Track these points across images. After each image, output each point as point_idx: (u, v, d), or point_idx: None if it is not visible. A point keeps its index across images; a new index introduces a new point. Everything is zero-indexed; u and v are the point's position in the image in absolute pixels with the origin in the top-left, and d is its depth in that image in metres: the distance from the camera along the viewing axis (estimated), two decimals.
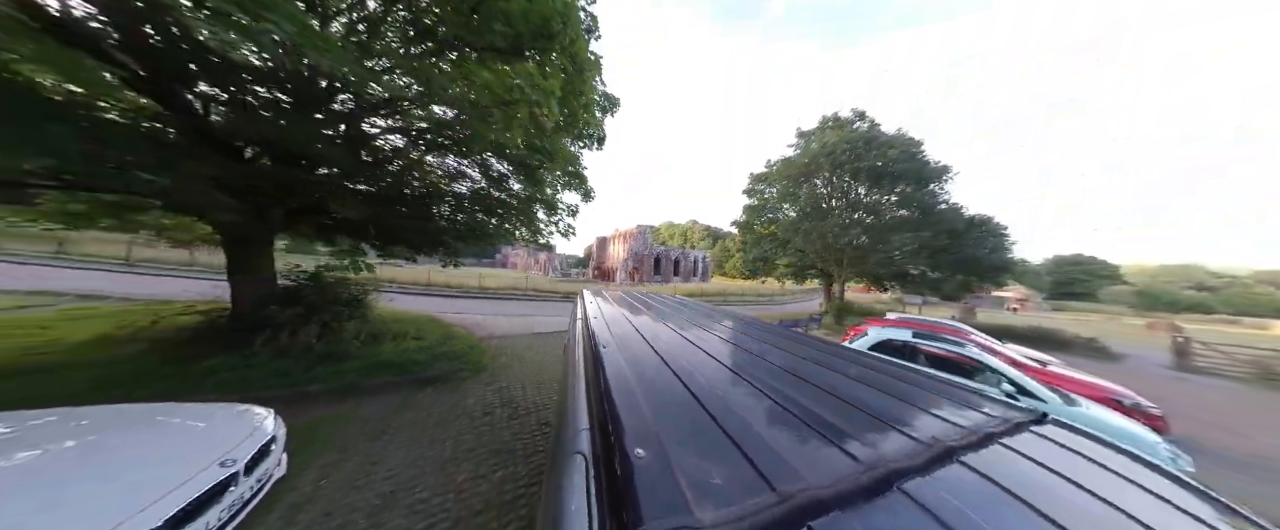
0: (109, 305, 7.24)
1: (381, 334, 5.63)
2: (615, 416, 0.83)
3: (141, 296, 8.49)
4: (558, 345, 7.13)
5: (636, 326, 2.08)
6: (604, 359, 1.30)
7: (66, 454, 1.62)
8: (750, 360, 1.61)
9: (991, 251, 12.84)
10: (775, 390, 1.16)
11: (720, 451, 0.73)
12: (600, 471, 0.62)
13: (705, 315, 3.17)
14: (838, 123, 15.31)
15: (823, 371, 1.50)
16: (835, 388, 1.26)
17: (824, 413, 1.00)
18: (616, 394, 0.97)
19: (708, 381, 1.18)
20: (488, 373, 5.12)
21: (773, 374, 1.37)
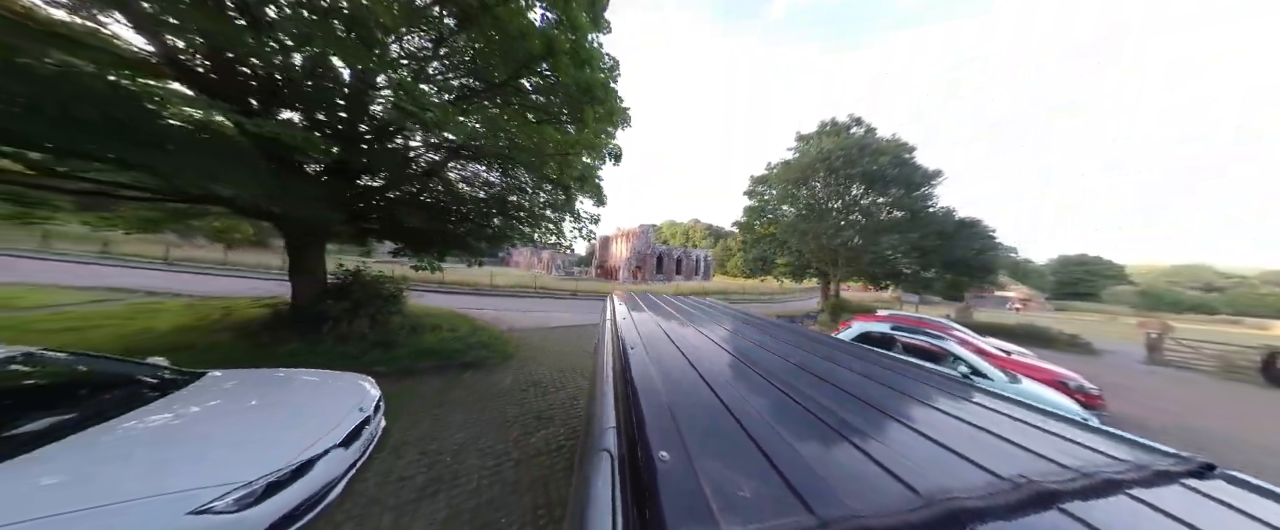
0: (169, 300, 8.02)
1: (419, 326, 6.38)
2: (640, 418, 0.82)
3: (190, 292, 9.30)
4: (572, 339, 7.84)
5: (665, 329, 2.07)
6: (631, 360, 1.29)
7: (273, 397, 2.35)
8: (784, 367, 1.52)
9: (978, 252, 13.47)
10: (812, 401, 1.09)
11: (749, 462, 0.70)
12: (625, 470, 0.62)
13: (734, 318, 3.12)
14: (835, 128, 15.92)
15: (868, 383, 1.39)
16: (883, 403, 1.16)
17: (869, 430, 0.93)
18: (642, 396, 0.96)
19: (736, 387, 1.15)
20: (515, 360, 5.83)
21: (811, 384, 1.29)
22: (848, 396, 1.19)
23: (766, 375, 1.34)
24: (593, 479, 0.58)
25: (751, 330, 2.49)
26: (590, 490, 0.55)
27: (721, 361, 1.52)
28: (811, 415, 0.99)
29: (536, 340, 7.38)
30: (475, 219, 6.53)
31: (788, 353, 1.79)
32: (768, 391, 1.18)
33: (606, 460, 0.62)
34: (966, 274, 13.53)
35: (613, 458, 0.63)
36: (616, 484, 0.56)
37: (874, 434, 0.91)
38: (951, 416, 1.12)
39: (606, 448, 0.66)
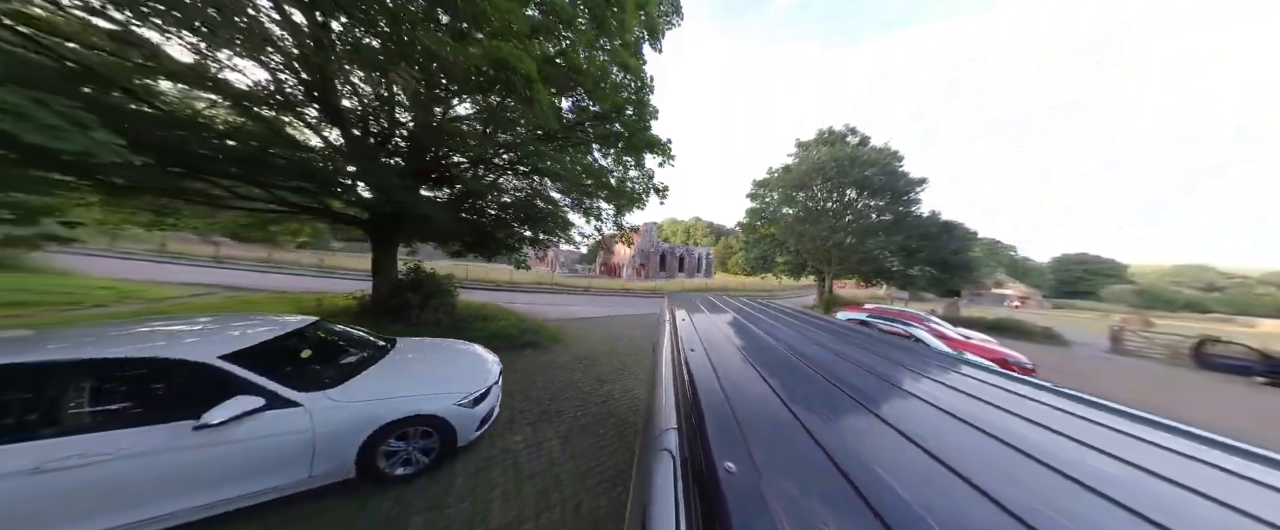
0: (255, 295, 9.32)
1: (483, 315, 7.66)
2: (702, 423, 0.81)
3: (257, 287, 10.61)
4: (601, 328, 9.10)
5: (726, 333, 2.01)
6: (691, 363, 1.28)
7: (445, 355, 3.56)
8: (865, 380, 1.40)
9: (955, 252, 14.70)
10: (906, 422, 0.96)
11: (831, 488, 0.63)
12: (688, 474, 0.61)
13: (800, 320, 2.98)
14: (831, 137, 17.09)
15: (976, 404, 1.22)
16: (999, 429, 0.98)
17: (992, 466, 0.77)
18: (704, 401, 0.93)
19: (810, 400, 1.06)
20: (562, 343, 7.09)
21: (901, 404, 1.18)
22: (953, 419, 1.03)
23: (849, 390, 1.21)
24: (655, 477, 0.59)
25: (823, 335, 2.30)
26: (652, 489, 0.56)
27: (792, 370, 1.41)
28: (908, 441, 0.86)
29: (572, 328, 8.63)
30: (529, 224, 7.80)
31: (871, 363, 1.62)
32: (849, 407, 1.07)
33: (668, 461, 0.62)
34: (948, 272, 14.78)
35: (674, 459, 0.64)
36: (679, 487, 0.56)
37: (1001, 470, 0.77)
38: (1099, 449, 0.93)
39: (667, 448, 0.66)
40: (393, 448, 2.52)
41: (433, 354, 3.48)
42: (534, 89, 3.49)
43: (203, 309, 7.70)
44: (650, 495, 0.56)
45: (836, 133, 16.80)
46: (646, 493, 0.57)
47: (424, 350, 3.56)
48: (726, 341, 1.88)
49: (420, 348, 3.59)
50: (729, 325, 2.42)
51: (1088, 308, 50.87)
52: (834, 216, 15.36)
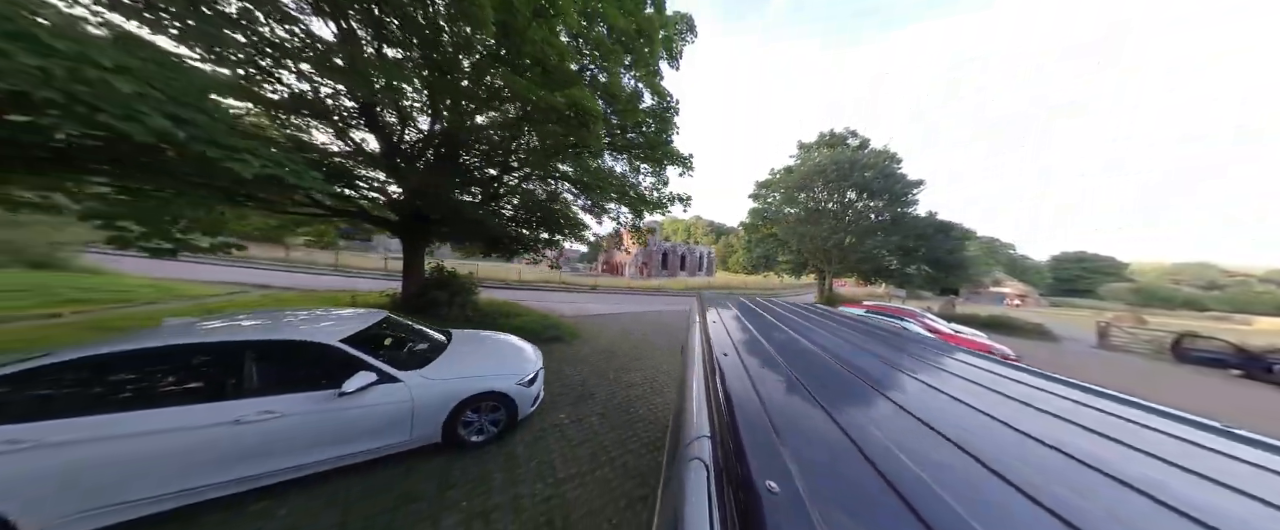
0: (286, 293, 9.85)
1: (507, 312, 8.19)
2: (737, 434, 0.76)
3: (284, 285, 11.15)
4: (615, 324, 9.63)
5: (763, 336, 1.94)
6: (724, 368, 1.23)
7: (496, 345, 4.07)
8: (923, 391, 1.31)
9: (950, 251, 15.25)
10: (968, 439, 0.86)
11: (893, 522, 0.57)
12: (723, 485, 0.58)
13: (840, 324, 2.84)
14: (833, 139, 17.58)
15: (1045, 419, 1.10)
16: (1061, 440, 0.91)
17: (1058, 484, 0.72)
18: (740, 411, 0.89)
19: (863, 415, 0.99)
20: (582, 338, 7.61)
21: (962, 418, 1.06)
22: (1039, 445, 0.91)
23: (910, 407, 1.09)
24: (686, 485, 0.56)
25: (867, 339, 2.20)
26: (685, 500, 0.53)
27: (838, 381, 1.32)
28: (976, 462, 0.76)
29: (588, 325, 9.16)
30: (545, 226, 8.32)
31: (928, 376, 1.50)
32: (909, 427, 0.95)
33: (701, 471, 0.59)
34: (943, 270, 15.32)
35: (707, 469, 0.60)
36: (713, 499, 0.53)
37: (1061, 489, 0.69)
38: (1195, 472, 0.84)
39: (700, 457, 0.63)
40: (469, 418, 3.05)
41: (485, 344, 4.00)
42: (596, 123, 4.04)
43: (246, 306, 8.23)
44: (682, 505, 0.53)
45: (837, 135, 17.30)
46: (678, 501, 0.55)
47: (477, 341, 4.08)
48: (762, 346, 1.77)
49: (473, 339, 4.11)
50: (763, 328, 2.27)
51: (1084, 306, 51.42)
52: (834, 217, 15.89)
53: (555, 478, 2.77)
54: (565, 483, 2.72)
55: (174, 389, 2.18)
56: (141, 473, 1.96)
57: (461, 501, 2.43)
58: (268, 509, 2.26)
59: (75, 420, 1.87)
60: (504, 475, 2.75)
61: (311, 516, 2.23)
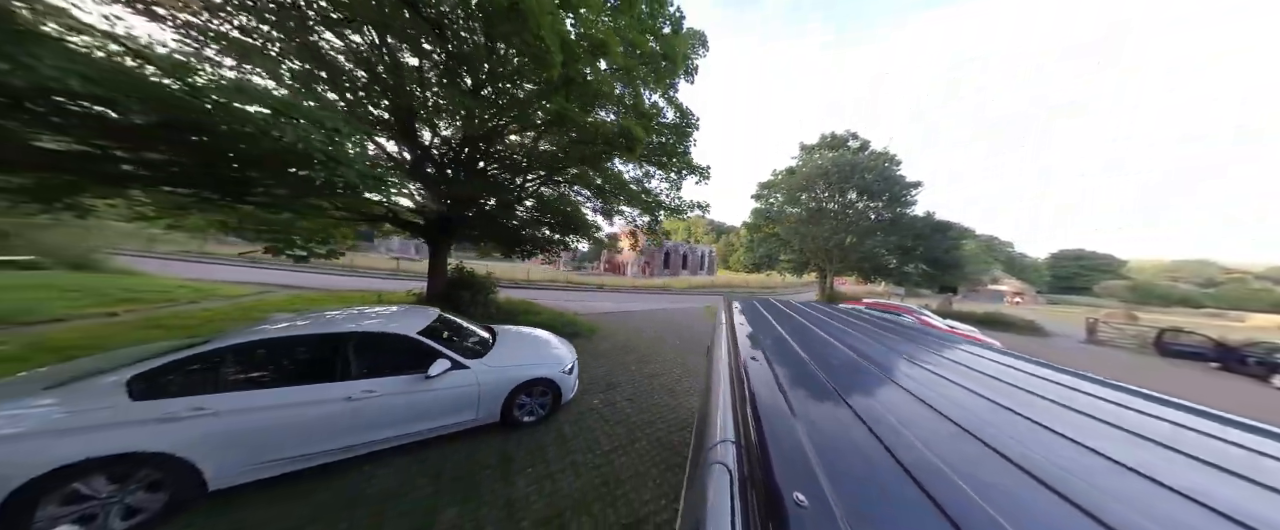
0: (313, 292, 10.31)
1: (517, 310, 8.67)
2: (763, 442, 0.73)
3: (304, 285, 11.61)
4: (628, 321, 10.10)
5: (793, 340, 1.88)
6: (750, 373, 1.19)
7: (536, 341, 4.52)
8: (969, 399, 1.19)
9: (946, 250, 15.77)
10: (1024, 453, 0.80)
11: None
12: (747, 493, 0.56)
13: (880, 327, 2.72)
14: (834, 141, 18.04)
15: (1108, 433, 1.01)
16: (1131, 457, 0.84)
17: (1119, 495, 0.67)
18: (767, 418, 0.85)
19: (905, 427, 0.89)
20: (599, 334, 8.09)
21: (1013, 428, 0.97)
22: (1088, 453, 0.84)
23: (956, 417, 0.99)
24: (708, 490, 0.55)
25: (903, 342, 2.11)
26: (707, 506, 0.52)
27: (873, 387, 1.27)
28: (1036, 481, 0.70)
29: (602, 322, 9.64)
30: (558, 227, 8.80)
31: (967, 379, 1.41)
32: (954, 438, 0.87)
33: (723, 476, 0.58)
34: (940, 269, 15.84)
35: (731, 475, 0.59)
36: (736, 506, 0.52)
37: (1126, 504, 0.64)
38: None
39: (723, 462, 0.62)
40: (523, 402, 3.52)
41: (526, 338, 4.47)
42: (638, 146, 4.57)
43: (278, 304, 8.69)
44: (704, 511, 0.52)
45: (839, 137, 17.77)
46: (700, 506, 0.54)
47: (518, 336, 4.54)
48: (791, 348, 1.70)
49: (514, 334, 4.58)
50: (792, 329, 2.18)
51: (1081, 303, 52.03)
52: (835, 217, 16.39)
53: (600, 450, 3.25)
54: (610, 453, 3.21)
55: (299, 371, 2.65)
56: (280, 438, 2.44)
57: (527, 468, 2.91)
58: (369, 473, 2.73)
59: (234, 394, 2.34)
60: (556, 449, 3.23)
61: (406, 478, 2.70)
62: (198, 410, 2.21)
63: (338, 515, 2.31)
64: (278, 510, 2.31)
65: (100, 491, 2.00)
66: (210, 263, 17.61)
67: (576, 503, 2.56)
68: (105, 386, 2.09)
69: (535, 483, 2.74)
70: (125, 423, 2.04)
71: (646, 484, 2.83)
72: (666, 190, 7.75)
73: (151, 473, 2.10)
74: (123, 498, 2.06)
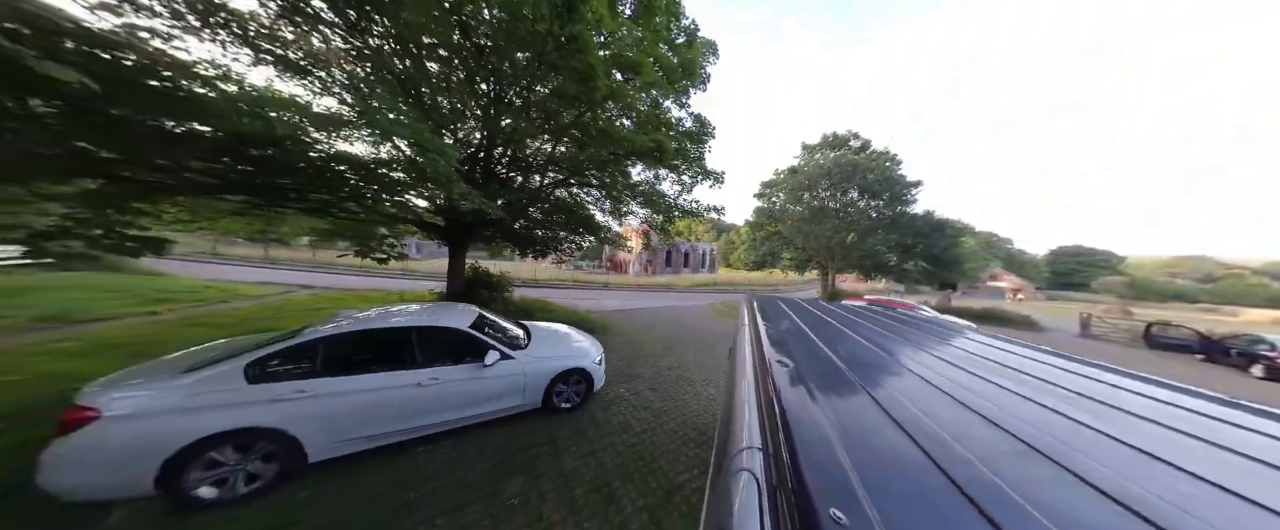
0: (331, 292, 10.67)
1: (532, 308, 9.05)
2: (794, 453, 0.67)
3: (325, 286, 11.97)
4: (636, 317, 10.48)
5: (821, 343, 1.78)
6: (775, 376, 1.13)
7: (565, 335, 4.89)
8: (1029, 409, 1.06)
9: (945, 249, 16.18)
10: (1100, 473, 0.71)
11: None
12: (777, 504, 0.53)
13: (904, 323, 2.64)
14: (836, 141, 18.37)
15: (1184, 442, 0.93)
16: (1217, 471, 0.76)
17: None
18: (797, 425, 0.80)
19: (955, 439, 0.80)
20: (612, 330, 8.47)
21: (1083, 440, 0.88)
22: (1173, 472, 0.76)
23: (1010, 428, 0.88)
24: (733, 499, 0.53)
25: (944, 346, 1.93)
26: (732, 515, 0.50)
27: (920, 396, 1.10)
28: (1111, 500, 0.63)
29: (612, 319, 10.02)
30: (568, 228, 9.16)
31: (1023, 387, 1.25)
32: (1009, 450, 0.79)
33: (750, 484, 0.56)
34: (939, 266, 16.26)
35: (758, 484, 0.56)
36: (765, 518, 0.49)
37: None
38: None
39: (749, 469, 0.59)
40: (561, 389, 3.90)
41: (556, 333, 4.83)
42: (668, 156, 4.96)
43: (302, 304, 9.05)
44: (730, 521, 0.50)
45: (840, 137, 18.12)
46: (725, 515, 0.52)
47: (549, 331, 4.90)
48: (820, 351, 1.61)
49: (545, 330, 4.94)
50: (817, 329, 2.07)
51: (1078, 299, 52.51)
52: (836, 216, 16.78)
53: (633, 431, 3.64)
54: (641, 434, 3.59)
55: (376, 360, 3.02)
56: (363, 418, 2.81)
57: (571, 447, 3.29)
58: (432, 451, 3.10)
59: (326, 379, 2.71)
60: (593, 431, 3.61)
61: (466, 457, 3.08)
62: (299, 392, 2.58)
63: (417, 485, 2.69)
64: (362, 480, 2.69)
65: (230, 460, 2.38)
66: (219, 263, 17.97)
67: (620, 474, 2.94)
68: (227, 372, 2.46)
69: (581, 458, 3.12)
70: (246, 403, 2.41)
71: (679, 459, 3.21)
72: (678, 193, 8.11)
73: (267, 445, 2.47)
74: (246, 466, 2.43)
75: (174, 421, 2.21)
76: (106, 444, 2.07)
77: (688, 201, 7.99)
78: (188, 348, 3.08)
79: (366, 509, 2.43)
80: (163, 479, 2.17)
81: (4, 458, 2.51)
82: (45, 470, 2.02)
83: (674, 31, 6.29)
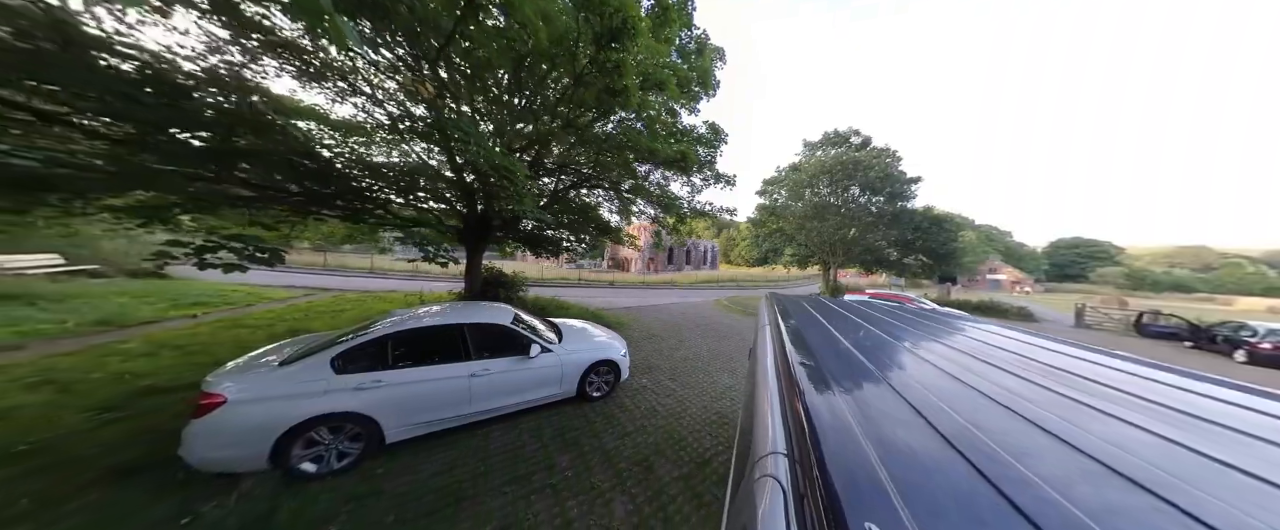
0: (350, 293, 11.04)
1: (548, 307, 9.43)
2: (821, 459, 0.62)
3: (341, 288, 12.34)
4: (647, 314, 10.86)
5: (848, 343, 1.70)
6: (803, 376, 1.07)
7: (592, 331, 5.24)
8: (1075, 410, 0.97)
9: (944, 243, 16.58)
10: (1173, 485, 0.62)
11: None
12: (804, 512, 0.50)
13: (937, 323, 2.54)
14: (837, 137, 18.70)
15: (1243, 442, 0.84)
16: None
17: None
18: (825, 429, 0.74)
19: (1002, 448, 0.72)
20: (626, 326, 8.85)
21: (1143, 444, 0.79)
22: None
23: (1081, 445, 0.78)
24: (758, 506, 0.52)
25: (981, 346, 1.77)
26: (757, 523, 0.49)
27: (964, 403, 0.99)
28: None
29: (624, 316, 10.41)
30: (583, 227, 9.53)
31: (1093, 398, 1.08)
32: (1079, 470, 0.68)
33: (777, 494, 0.53)
34: (938, 260, 16.65)
35: (784, 492, 0.54)
36: (793, 528, 0.47)
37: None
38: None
39: (774, 475, 0.57)
40: (592, 380, 4.27)
41: (584, 330, 5.20)
42: (693, 164, 5.33)
43: (325, 306, 9.42)
44: (754, 528, 0.48)
45: (841, 134, 18.44)
46: (749, 522, 0.50)
47: (576, 327, 5.26)
48: (850, 353, 1.53)
49: (572, 326, 5.31)
50: (845, 331, 1.99)
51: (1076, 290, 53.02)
52: (838, 212, 17.14)
53: (660, 415, 4.02)
54: (668, 418, 3.97)
55: (435, 352, 3.39)
56: (428, 403, 3.18)
57: (607, 429, 3.67)
58: (485, 433, 3.48)
59: (397, 370, 3.08)
60: (624, 416, 3.99)
61: (517, 438, 3.45)
62: (376, 382, 2.95)
63: (481, 461, 3.07)
64: (432, 457, 3.07)
65: (325, 439, 2.76)
66: None
67: (655, 450, 3.32)
68: (318, 363, 2.83)
69: (619, 438, 3.50)
70: (336, 390, 2.78)
71: (704, 438, 3.59)
72: (691, 193, 8.47)
73: (353, 427, 2.84)
74: (337, 444, 2.81)
75: (283, 406, 2.58)
76: (233, 424, 2.44)
77: (701, 203, 8.36)
78: (241, 346, 3.47)
79: (436, 481, 2.81)
80: (275, 454, 2.54)
81: (132, 438, 2.89)
82: (185, 444, 2.39)
83: (685, 39, 6.61)
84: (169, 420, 3.14)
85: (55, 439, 2.83)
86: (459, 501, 2.56)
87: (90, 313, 6.31)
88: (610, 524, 2.43)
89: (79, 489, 2.36)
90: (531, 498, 2.63)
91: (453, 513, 2.45)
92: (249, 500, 2.36)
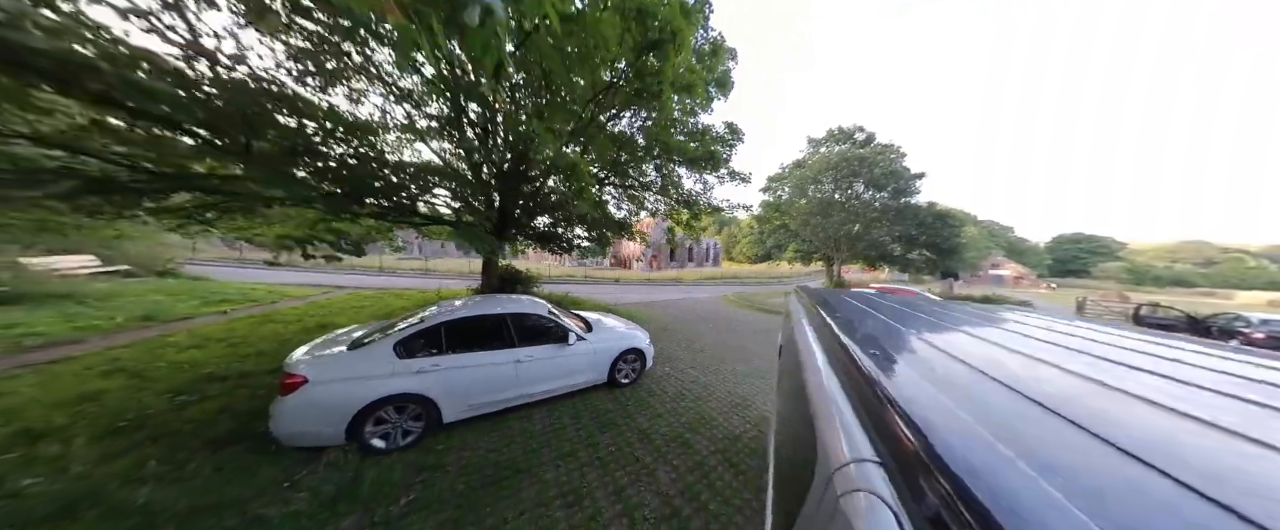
0: (368, 291, 11.30)
1: (562, 302, 9.70)
2: (943, 467, 0.48)
3: (357, 286, 12.59)
4: (657, 309, 11.11)
5: (910, 335, 1.45)
6: (869, 370, 0.89)
7: (614, 323, 5.52)
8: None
9: (947, 239, 16.81)
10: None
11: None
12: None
13: (981, 316, 2.09)
14: (842, 134, 18.88)
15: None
16: None
17: None
18: (939, 431, 0.58)
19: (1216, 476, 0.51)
20: (641, 320, 9.10)
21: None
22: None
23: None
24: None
25: (1066, 336, 1.48)
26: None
27: (1095, 396, 0.83)
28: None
29: (636, 311, 10.67)
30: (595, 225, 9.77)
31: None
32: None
33: (877, 509, 0.44)
34: (941, 255, 16.88)
35: (890, 509, 0.44)
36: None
37: None
38: None
39: (867, 489, 0.48)
40: (621, 367, 4.53)
41: (609, 321, 5.46)
42: (719, 163, 5.56)
43: (345, 303, 9.69)
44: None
45: (846, 131, 18.62)
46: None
47: (601, 320, 5.54)
48: (925, 344, 1.34)
49: (602, 320, 5.57)
50: (903, 322, 1.81)
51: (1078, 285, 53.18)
52: (842, 208, 17.36)
53: (687, 399, 4.28)
54: (695, 402, 4.23)
55: (483, 339, 3.64)
56: (479, 387, 3.43)
57: (639, 412, 3.92)
58: (527, 415, 3.74)
59: (451, 356, 3.33)
60: (654, 400, 4.25)
61: (559, 420, 3.71)
62: (434, 366, 3.20)
63: (529, 439, 3.32)
64: (484, 436, 3.32)
65: (392, 417, 3.02)
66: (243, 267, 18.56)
67: (688, 428, 3.58)
68: (384, 348, 3.08)
69: (652, 419, 3.76)
70: (400, 373, 3.04)
71: (733, 418, 3.86)
72: (704, 190, 8.71)
73: (415, 407, 3.10)
74: (402, 423, 3.07)
75: (357, 386, 2.84)
76: (315, 402, 2.70)
77: (720, 200, 8.61)
78: (280, 340, 3.73)
79: (493, 456, 3.06)
80: (350, 430, 2.80)
81: (214, 417, 3.16)
82: (274, 419, 2.65)
83: (700, 40, 6.82)
84: (243, 401, 3.40)
85: (146, 417, 3.09)
86: (517, 473, 2.82)
87: (134, 310, 6.58)
88: (659, 488, 2.69)
89: (191, 454, 2.63)
90: (583, 469, 2.89)
91: (515, 483, 2.70)
92: (336, 469, 2.62)
